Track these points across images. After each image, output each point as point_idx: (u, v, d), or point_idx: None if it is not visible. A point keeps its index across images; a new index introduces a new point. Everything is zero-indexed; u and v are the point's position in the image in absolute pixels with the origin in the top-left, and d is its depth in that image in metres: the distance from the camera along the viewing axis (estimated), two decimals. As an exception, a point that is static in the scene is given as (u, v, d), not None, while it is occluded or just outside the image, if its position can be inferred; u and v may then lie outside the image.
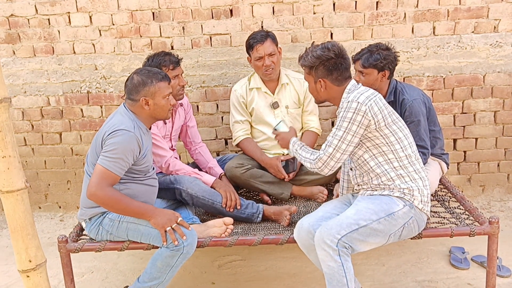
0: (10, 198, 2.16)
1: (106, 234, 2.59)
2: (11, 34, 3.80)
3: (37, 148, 4.05)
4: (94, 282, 3.13)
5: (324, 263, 2.28)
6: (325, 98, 2.53)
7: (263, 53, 3.19)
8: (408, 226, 2.38)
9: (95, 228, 2.60)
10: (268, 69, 3.23)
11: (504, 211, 3.81)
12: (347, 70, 2.46)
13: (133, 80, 2.57)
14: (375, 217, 2.31)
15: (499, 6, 3.61)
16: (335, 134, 2.38)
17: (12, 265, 3.25)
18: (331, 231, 2.27)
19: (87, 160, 2.60)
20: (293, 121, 3.37)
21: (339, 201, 2.63)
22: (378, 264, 3.11)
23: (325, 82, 2.44)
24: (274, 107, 3.34)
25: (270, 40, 3.23)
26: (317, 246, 2.30)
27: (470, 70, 3.74)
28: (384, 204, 2.36)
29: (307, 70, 2.50)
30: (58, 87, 3.89)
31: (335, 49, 2.42)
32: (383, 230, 2.32)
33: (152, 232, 2.50)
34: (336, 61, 2.41)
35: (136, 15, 3.71)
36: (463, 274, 2.97)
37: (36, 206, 4.16)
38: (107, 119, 2.61)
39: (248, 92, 3.37)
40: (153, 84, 2.54)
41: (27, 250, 2.24)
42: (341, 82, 2.45)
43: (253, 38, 3.24)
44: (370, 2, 3.63)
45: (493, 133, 3.87)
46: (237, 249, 3.28)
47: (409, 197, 2.37)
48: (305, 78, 2.54)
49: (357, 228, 2.28)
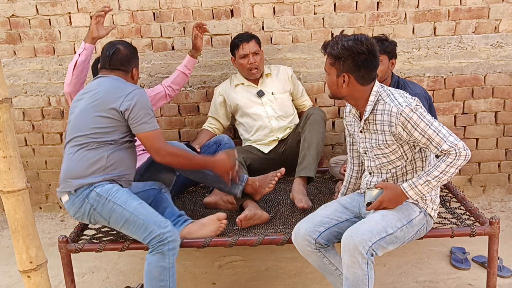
0: (11, 199, 2.16)
1: (89, 209, 2.47)
2: (12, 35, 3.81)
3: (37, 148, 4.06)
4: (95, 282, 3.13)
5: (349, 269, 2.16)
6: (344, 95, 2.31)
7: (248, 51, 3.32)
8: (419, 232, 2.36)
9: (79, 201, 2.47)
10: (252, 67, 3.34)
11: (505, 211, 3.80)
12: (375, 70, 2.26)
13: (120, 52, 2.65)
14: (399, 224, 2.24)
15: (499, 6, 3.61)
16: (435, 131, 2.16)
17: (13, 265, 3.25)
18: (364, 237, 2.13)
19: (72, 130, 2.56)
20: (282, 107, 3.43)
21: (340, 204, 2.49)
22: (379, 265, 3.11)
23: (349, 77, 2.23)
24: (259, 95, 3.42)
25: (255, 41, 3.37)
26: (346, 252, 2.16)
27: (471, 70, 3.74)
28: (405, 209, 2.30)
29: (331, 61, 2.25)
30: (59, 88, 3.89)
31: (369, 44, 2.19)
32: (402, 237, 2.27)
33: (137, 222, 2.43)
34: (367, 58, 2.20)
35: (137, 15, 3.71)
36: (464, 275, 2.97)
37: (37, 207, 4.17)
38: (100, 90, 2.55)
39: (233, 89, 3.47)
40: (137, 55, 2.76)
41: (28, 251, 2.24)
42: (366, 82, 2.26)
43: (238, 38, 3.39)
44: (371, 2, 3.63)
45: (493, 134, 3.87)
46: (237, 249, 3.28)
47: (422, 204, 2.34)
48: (326, 68, 2.30)
49: (385, 236, 2.19)
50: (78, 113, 2.57)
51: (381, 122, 2.29)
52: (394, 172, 2.37)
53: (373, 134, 2.35)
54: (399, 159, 2.33)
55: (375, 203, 2.27)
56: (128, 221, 2.45)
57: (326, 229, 2.35)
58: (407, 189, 2.25)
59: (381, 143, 2.32)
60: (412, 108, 2.19)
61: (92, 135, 2.50)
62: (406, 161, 2.34)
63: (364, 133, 2.40)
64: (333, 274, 2.39)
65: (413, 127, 2.19)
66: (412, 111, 2.18)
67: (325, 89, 3.82)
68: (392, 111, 2.22)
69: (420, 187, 2.23)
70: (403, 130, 2.22)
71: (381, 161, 2.37)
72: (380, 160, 2.37)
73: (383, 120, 2.27)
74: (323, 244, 2.35)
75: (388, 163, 2.36)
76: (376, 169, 2.42)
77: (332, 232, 2.36)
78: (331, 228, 2.36)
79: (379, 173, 2.43)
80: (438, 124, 2.20)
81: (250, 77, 3.42)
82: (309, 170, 3.08)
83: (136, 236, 2.49)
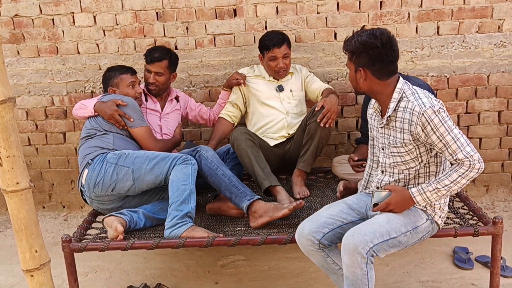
0: (14, 198, 2.16)
1: (112, 165, 2.82)
2: (16, 34, 3.81)
3: (41, 148, 4.06)
4: (98, 281, 3.14)
5: (349, 269, 2.17)
6: (364, 90, 2.32)
7: (279, 55, 3.27)
8: (423, 238, 2.35)
9: (99, 165, 2.84)
10: (281, 70, 3.31)
11: (508, 211, 3.80)
12: (392, 64, 2.24)
13: (103, 77, 3.23)
14: (403, 229, 2.23)
15: (503, 6, 3.60)
16: (454, 138, 2.14)
17: (16, 264, 3.26)
18: (365, 238, 2.14)
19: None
20: (298, 105, 3.44)
21: (347, 205, 2.47)
22: (382, 264, 3.11)
23: (365, 72, 2.24)
24: (279, 89, 3.41)
25: (286, 45, 3.30)
26: (346, 251, 2.17)
27: (474, 70, 3.73)
28: (412, 216, 2.28)
29: (349, 56, 2.30)
30: (62, 87, 3.90)
31: (384, 37, 2.19)
32: (405, 242, 2.26)
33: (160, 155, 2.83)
34: (382, 51, 2.19)
35: (140, 15, 3.72)
36: (467, 275, 2.96)
37: (40, 206, 4.17)
38: None
39: (253, 78, 3.47)
40: (116, 76, 3.16)
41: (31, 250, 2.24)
42: (384, 76, 2.25)
43: (270, 40, 3.28)
44: (374, 2, 3.62)
45: (497, 133, 3.86)
46: (240, 248, 3.28)
47: (430, 211, 2.33)
48: (347, 64, 2.35)
49: (388, 239, 2.19)
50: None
51: (401, 119, 2.26)
52: (407, 173, 2.34)
53: (392, 131, 2.32)
54: (414, 160, 2.31)
55: (382, 205, 2.26)
56: (153, 158, 2.81)
57: (330, 230, 2.34)
58: (415, 194, 2.24)
59: (398, 141, 2.30)
60: (435, 110, 2.16)
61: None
62: (420, 164, 2.31)
63: (384, 129, 2.37)
64: (337, 274, 2.38)
65: (432, 130, 2.17)
66: (434, 113, 2.15)
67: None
68: (414, 109, 2.19)
69: (429, 194, 2.22)
70: (422, 131, 2.19)
71: (395, 160, 2.35)
72: (394, 158, 2.35)
73: (403, 118, 2.25)
74: (326, 244, 2.35)
75: (402, 163, 2.33)
76: (390, 167, 2.39)
77: (336, 233, 2.35)
78: (335, 230, 2.36)
79: (391, 173, 2.40)
80: (458, 131, 2.17)
81: (275, 77, 3.41)
82: (307, 165, 3.18)
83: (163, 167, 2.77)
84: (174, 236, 2.62)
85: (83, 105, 3.11)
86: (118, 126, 2.99)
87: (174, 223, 2.64)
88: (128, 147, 2.98)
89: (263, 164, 3.06)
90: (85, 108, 3.09)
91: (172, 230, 2.63)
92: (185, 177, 2.73)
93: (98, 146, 2.94)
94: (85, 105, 3.10)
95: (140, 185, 2.83)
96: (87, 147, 2.97)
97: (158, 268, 3.24)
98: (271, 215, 2.70)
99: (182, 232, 2.61)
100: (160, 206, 2.91)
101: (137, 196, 2.93)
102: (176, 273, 3.17)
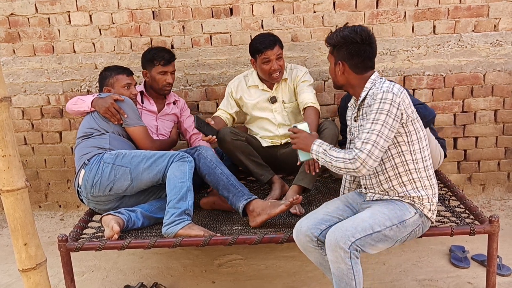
0: (10, 197, 2.16)
1: (109, 165, 2.82)
2: (11, 33, 3.80)
3: (37, 147, 4.05)
4: (95, 281, 3.13)
5: (334, 265, 2.21)
6: (342, 83, 2.41)
7: (272, 57, 3.17)
8: (414, 233, 2.36)
9: (95, 166, 2.83)
10: (275, 72, 3.22)
11: (504, 210, 3.81)
12: (370, 60, 2.35)
13: (99, 76, 3.24)
14: (388, 223, 2.25)
15: (499, 4, 3.61)
16: (371, 129, 2.19)
17: (12, 264, 3.25)
18: (346, 233, 2.18)
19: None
20: (292, 115, 3.37)
21: (342, 202, 2.52)
22: (379, 263, 3.11)
23: (344, 66, 2.34)
24: (272, 101, 3.34)
25: (278, 45, 3.21)
26: (329, 247, 2.21)
27: (470, 69, 3.74)
28: (398, 210, 2.30)
29: (330, 49, 2.41)
30: (58, 86, 3.89)
31: (363, 34, 2.30)
32: (393, 236, 2.28)
33: (157, 153, 2.84)
34: (360, 47, 2.30)
35: (136, 14, 3.71)
36: (464, 273, 2.97)
37: (36, 205, 4.16)
38: None
39: (246, 89, 3.38)
40: (112, 76, 3.16)
41: (27, 249, 2.24)
42: (361, 71, 2.34)
43: (261, 43, 3.18)
44: (370, 1, 3.62)
45: (493, 132, 3.87)
46: (237, 248, 3.28)
47: (419, 205, 2.34)
48: (328, 57, 2.46)
49: (371, 233, 2.21)
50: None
51: (367, 106, 2.32)
52: (383, 166, 2.34)
53: (362, 120, 2.37)
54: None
55: (294, 130, 2.43)
56: (150, 156, 2.82)
57: (328, 227, 2.35)
58: (316, 143, 2.33)
59: None
60: (385, 96, 2.19)
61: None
62: (392, 154, 2.31)
63: (357, 122, 2.42)
64: (333, 272, 2.39)
65: (371, 111, 2.22)
66: (382, 99, 2.20)
67: (325, 87, 3.82)
68: (376, 95, 2.24)
69: (321, 150, 2.30)
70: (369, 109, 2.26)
71: None
72: None
73: (367, 104, 2.31)
74: (324, 241, 2.35)
75: None
76: None
77: None
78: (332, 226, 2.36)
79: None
80: (381, 130, 2.18)
81: (271, 81, 3.30)
82: (309, 181, 3.05)
83: (160, 165, 2.79)
84: (172, 232, 2.62)
85: (81, 100, 3.09)
86: (113, 121, 2.98)
87: (172, 220, 2.64)
88: (124, 147, 2.98)
89: (255, 158, 3.18)
90: (82, 102, 3.07)
91: (169, 227, 2.63)
92: (182, 174, 2.74)
93: (95, 146, 2.94)
94: (82, 100, 3.08)
95: (138, 184, 2.83)
96: (84, 146, 2.96)
97: (154, 267, 3.23)
98: (268, 212, 2.71)
99: (179, 229, 2.61)
100: (157, 205, 2.92)
101: (134, 196, 2.93)
102: (173, 272, 3.16)
